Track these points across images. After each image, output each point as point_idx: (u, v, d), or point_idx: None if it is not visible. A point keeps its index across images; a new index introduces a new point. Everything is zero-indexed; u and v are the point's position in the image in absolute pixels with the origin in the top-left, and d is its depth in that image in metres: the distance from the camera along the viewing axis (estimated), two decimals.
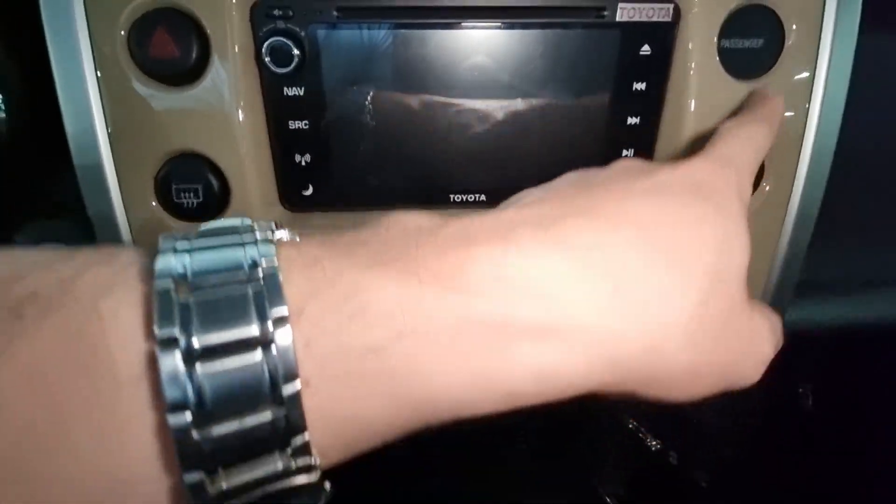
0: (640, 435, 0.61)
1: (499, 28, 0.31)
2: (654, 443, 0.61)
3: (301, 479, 0.16)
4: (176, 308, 0.15)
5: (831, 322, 0.44)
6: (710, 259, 0.20)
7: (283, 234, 0.19)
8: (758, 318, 0.22)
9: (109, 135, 0.30)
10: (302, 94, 0.32)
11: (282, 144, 0.33)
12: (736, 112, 0.32)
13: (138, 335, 0.14)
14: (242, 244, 0.17)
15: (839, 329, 0.44)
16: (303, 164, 0.33)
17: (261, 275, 0.16)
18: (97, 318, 0.14)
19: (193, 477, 0.14)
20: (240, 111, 0.31)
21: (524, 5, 0.31)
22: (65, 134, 0.30)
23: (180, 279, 0.15)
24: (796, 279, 0.37)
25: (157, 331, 0.14)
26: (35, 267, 0.15)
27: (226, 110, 0.30)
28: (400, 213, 0.20)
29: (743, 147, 0.25)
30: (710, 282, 0.20)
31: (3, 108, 0.36)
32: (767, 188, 0.34)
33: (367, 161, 0.34)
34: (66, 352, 0.14)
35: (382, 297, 0.17)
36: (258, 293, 0.15)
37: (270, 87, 0.31)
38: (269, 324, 0.15)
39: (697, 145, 0.28)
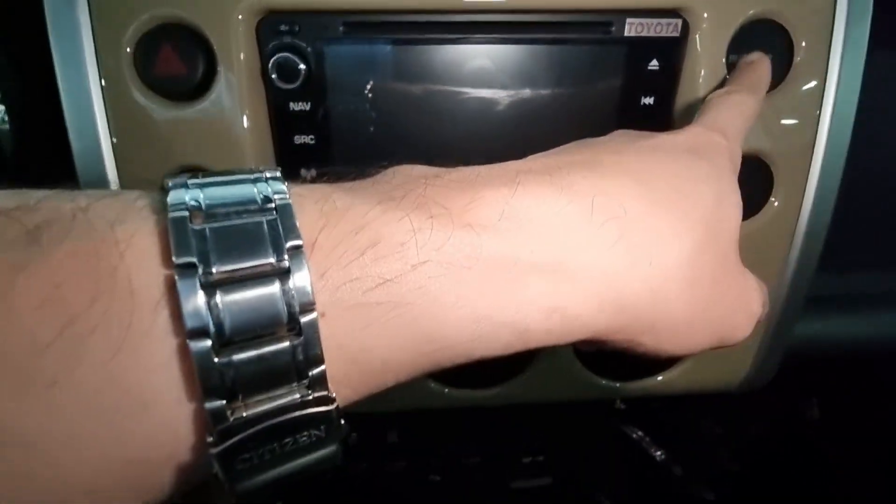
0: (644, 445, 0.61)
1: (505, 43, 0.31)
2: (658, 453, 0.60)
3: (318, 409, 0.16)
4: (192, 236, 0.15)
5: (839, 337, 0.44)
6: (705, 212, 0.21)
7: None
8: (749, 276, 0.23)
9: (114, 150, 0.30)
10: (308, 108, 0.31)
11: (287, 159, 0.33)
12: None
13: (155, 261, 0.14)
14: (254, 181, 0.17)
15: (847, 344, 0.44)
16: (308, 178, 0.33)
17: (273, 207, 0.16)
18: (114, 243, 0.14)
19: (215, 404, 0.14)
20: (245, 126, 0.30)
21: (531, 21, 0.31)
22: (70, 147, 0.30)
23: (195, 210, 0.15)
24: (805, 295, 0.37)
25: (174, 257, 0.14)
26: (48, 199, 0.15)
27: (231, 125, 0.30)
28: (403, 165, 0.20)
29: (731, 114, 0.26)
30: (705, 233, 0.20)
31: (7, 120, 0.36)
32: (777, 204, 0.34)
33: (373, 175, 0.34)
34: (84, 274, 0.14)
35: (394, 229, 0.17)
36: (272, 223, 0.15)
37: (276, 101, 0.31)
38: (285, 254, 0.15)
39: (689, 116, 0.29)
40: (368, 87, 0.31)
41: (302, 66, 0.30)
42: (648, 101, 0.33)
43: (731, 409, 0.60)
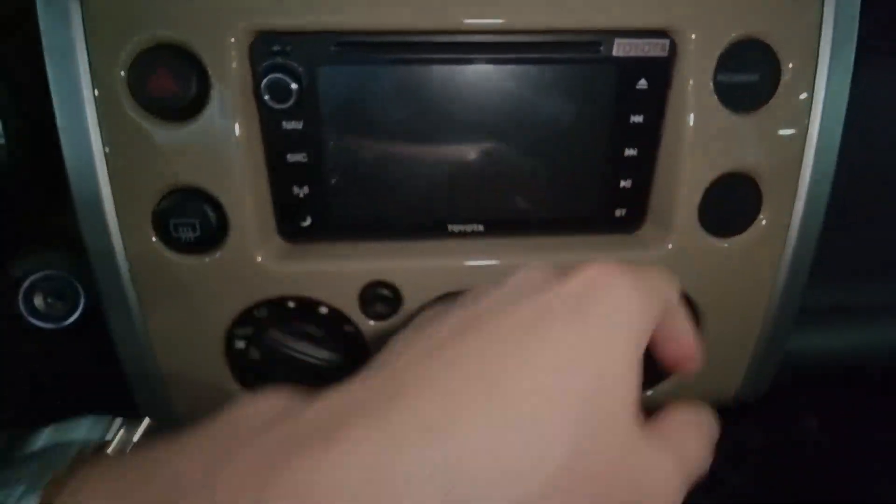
0: None
1: (496, 63, 0.31)
2: None
3: None
4: None
5: (836, 349, 0.44)
6: (583, 398, 0.18)
7: (119, 436, 0.18)
8: (654, 453, 0.20)
9: (108, 169, 0.30)
10: (300, 127, 0.32)
11: (280, 177, 0.33)
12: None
13: None
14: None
15: (845, 356, 0.44)
16: (301, 196, 0.33)
17: None
18: None
19: None
20: (238, 145, 0.31)
21: (522, 41, 0.31)
22: (64, 165, 0.31)
23: None
24: (797, 309, 0.37)
25: None
26: None
27: (224, 144, 0.31)
28: (248, 398, 0.18)
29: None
30: (582, 430, 0.17)
31: (2, 134, 0.36)
32: (764, 221, 0.34)
33: (365, 192, 0.34)
34: None
35: None
36: None
37: (269, 121, 0.31)
38: None
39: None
40: (360, 106, 0.32)
41: (294, 86, 0.30)
42: (638, 119, 0.33)
43: (728, 419, 0.60)
